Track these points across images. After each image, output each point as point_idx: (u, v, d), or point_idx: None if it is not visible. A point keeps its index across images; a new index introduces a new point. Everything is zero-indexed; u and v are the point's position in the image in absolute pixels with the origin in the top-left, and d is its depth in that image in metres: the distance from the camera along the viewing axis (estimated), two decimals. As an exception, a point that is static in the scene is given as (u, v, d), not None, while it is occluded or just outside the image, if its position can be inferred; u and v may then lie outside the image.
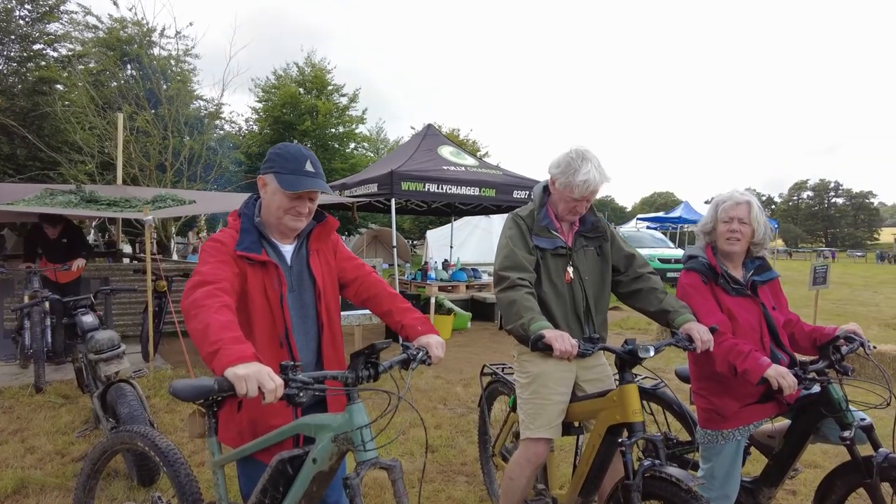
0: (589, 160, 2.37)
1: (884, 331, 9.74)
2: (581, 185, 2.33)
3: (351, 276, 2.07)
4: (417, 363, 1.72)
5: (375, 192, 7.94)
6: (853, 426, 2.22)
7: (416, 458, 3.91)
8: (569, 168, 2.37)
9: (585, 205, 2.46)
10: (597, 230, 2.57)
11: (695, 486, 1.85)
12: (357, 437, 1.56)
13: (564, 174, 2.38)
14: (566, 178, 2.37)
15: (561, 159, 2.43)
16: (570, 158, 2.39)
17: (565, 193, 2.40)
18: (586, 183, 2.33)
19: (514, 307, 2.23)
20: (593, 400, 2.33)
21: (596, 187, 2.37)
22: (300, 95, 22.84)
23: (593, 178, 2.34)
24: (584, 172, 2.33)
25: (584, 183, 2.33)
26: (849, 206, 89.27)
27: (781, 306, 2.60)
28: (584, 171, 2.33)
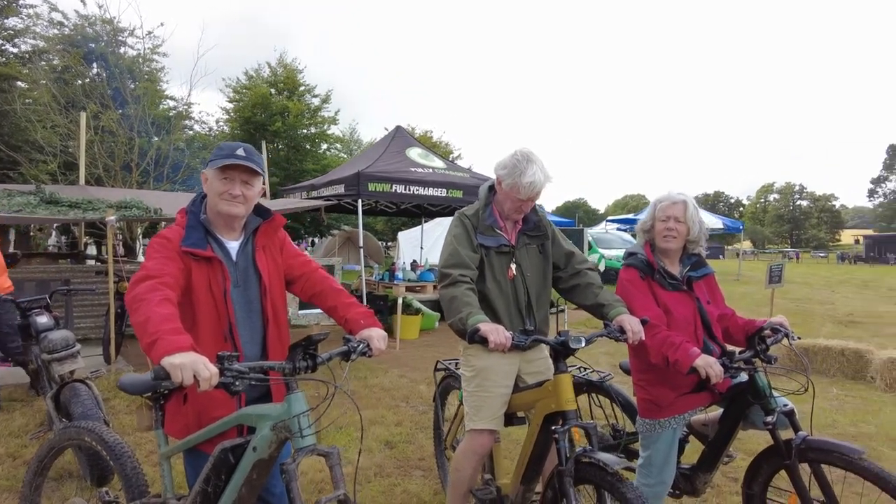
0: (534, 162, 2.45)
1: (836, 327, 10.12)
2: (527, 187, 2.42)
3: (297, 272, 2.13)
4: (357, 355, 1.79)
5: (342, 193, 7.98)
6: (776, 412, 2.36)
7: (374, 454, 3.97)
8: (515, 170, 2.44)
9: (530, 204, 2.55)
10: (539, 229, 2.66)
11: (621, 468, 1.95)
12: (295, 425, 1.62)
13: (510, 175, 2.45)
14: (512, 180, 2.44)
15: (507, 161, 2.51)
16: (516, 160, 2.47)
17: (511, 194, 2.48)
18: (532, 184, 2.42)
19: (455, 303, 2.31)
20: (532, 391, 2.43)
21: (541, 188, 2.46)
22: (271, 96, 22.66)
23: (538, 180, 2.43)
24: (530, 174, 2.41)
25: (531, 184, 2.42)
26: (813, 209, 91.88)
27: (716, 301, 2.74)
28: (530, 173, 2.41)
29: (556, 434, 2.11)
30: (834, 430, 4.55)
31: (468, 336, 2.18)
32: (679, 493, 2.81)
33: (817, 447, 2.28)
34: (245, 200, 1.95)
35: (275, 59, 24.24)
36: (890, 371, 5.79)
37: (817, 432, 4.36)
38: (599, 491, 2.15)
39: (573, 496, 2.03)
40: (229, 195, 1.92)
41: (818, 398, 5.44)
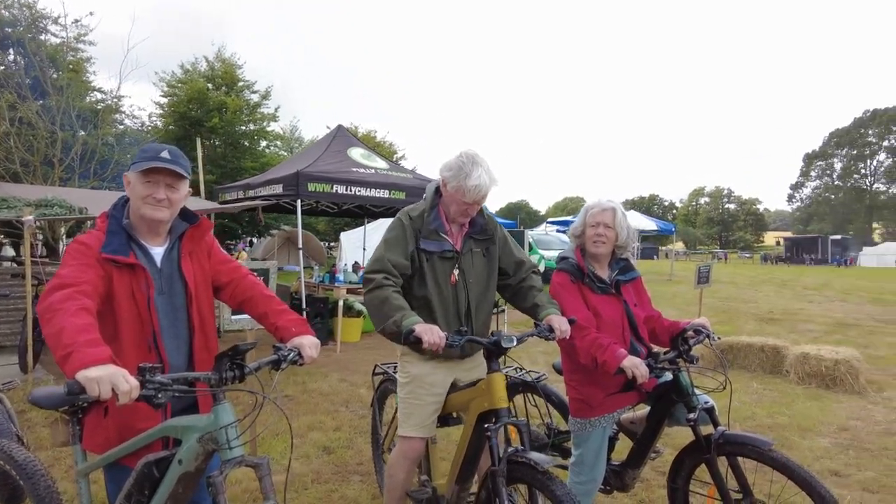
0: (480, 164, 2.41)
1: (758, 325, 10.74)
2: (472, 190, 2.38)
3: (226, 278, 2.07)
4: (288, 363, 1.76)
5: (281, 193, 7.80)
6: (698, 409, 2.49)
7: (311, 460, 3.92)
8: (460, 172, 2.40)
9: (476, 208, 2.50)
10: (485, 232, 2.61)
11: (551, 467, 2.01)
12: (222, 437, 1.59)
13: (456, 178, 2.41)
14: (457, 182, 2.40)
15: (452, 163, 2.46)
16: (462, 162, 2.42)
17: (457, 196, 2.43)
18: (478, 188, 2.38)
19: (385, 306, 2.27)
20: (466, 390, 2.46)
21: (486, 192, 2.42)
22: (208, 91, 21.95)
23: (484, 183, 2.38)
24: (476, 177, 2.37)
25: (476, 188, 2.37)
26: (739, 212, 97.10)
27: (643, 303, 2.86)
28: (476, 176, 2.37)
29: (488, 432, 2.13)
30: (753, 423, 4.83)
31: (403, 337, 2.16)
32: (610, 489, 2.92)
33: (733, 441, 2.42)
34: (170, 205, 1.88)
35: (212, 54, 23.49)
36: (802, 365, 6.20)
37: (737, 425, 4.67)
38: (531, 489, 2.20)
39: (506, 495, 2.06)
40: (153, 199, 1.85)
41: (740, 392, 5.81)
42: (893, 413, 5.18)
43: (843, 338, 9.24)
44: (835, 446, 4.31)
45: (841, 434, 4.59)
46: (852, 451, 4.20)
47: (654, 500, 3.40)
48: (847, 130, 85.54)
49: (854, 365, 5.99)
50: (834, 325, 10.82)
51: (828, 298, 16.76)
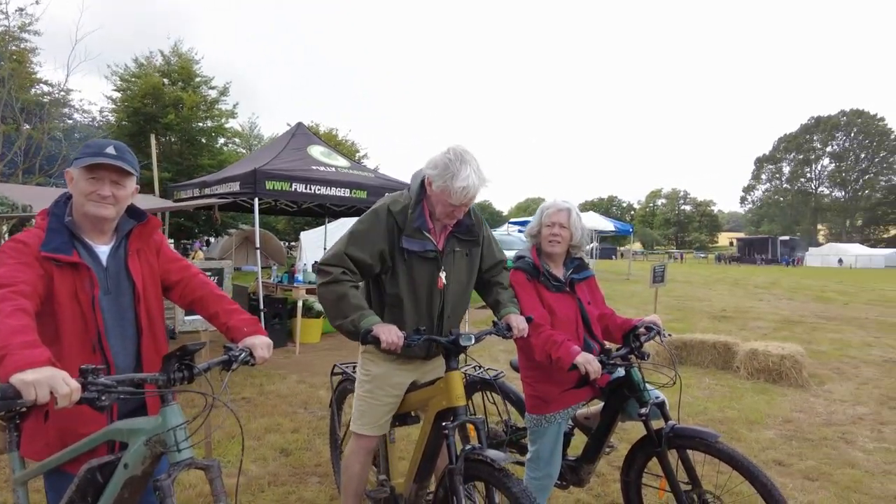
0: (468, 163, 2.22)
1: (711, 322, 11.09)
2: (460, 192, 2.19)
3: (175, 277, 2.02)
4: (239, 364, 1.72)
5: (238, 191, 7.62)
6: (649, 404, 2.55)
7: (268, 463, 3.85)
8: (446, 171, 2.21)
9: (463, 210, 2.33)
10: (471, 233, 2.47)
11: (508, 464, 2.03)
12: (170, 439, 1.55)
13: (442, 177, 2.22)
14: (443, 182, 2.21)
15: (439, 160, 2.26)
16: (449, 160, 2.22)
17: (442, 197, 2.25)
18: (465, 189, 2.19)
19: (342, 303, 2.22)
20: (425, 389, 2.46)
21: (475, 193, 2.24)
22: (164, 86, 21.28)
23: (472, 184, 2.20)
24: (464, 178, 2.18)
25: (463, 189, 2.19)
26: (695, 213, 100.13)
27: (597, 301, 2.92)
28: (463, 177, 2.18)
29: (446, 430, 2.13)
30: (705, 417, 4.99)
31: (361, 337, 2.14)
32: (566, 484, 2.97)
33: (682, 434, 2.49)
34: (116, 202, 1.82)
35: (168, 48, 22.79)
36: (751, 361, 6.44)
37: (691, 419, 4.82)
38: (489, 487, 2.22)
39: (463, 493, 2.07)
40: (98, 196, 1.78)
41: (693, 388, 5.98)
42: (832, 405, 5.43)
43: (790, 334, 9.63)
44: (779, 437, 4.49)
45: (785, 426, 4.79)
46: (795, 442, 4.38)
47: (609, 493, 3.47)
48: (794, 136, 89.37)
49: (798, 360, 6.25)
50: (781, 323, 11.27)
51: (776, 297, 17.46)
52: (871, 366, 7.25)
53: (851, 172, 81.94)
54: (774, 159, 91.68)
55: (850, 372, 6.88)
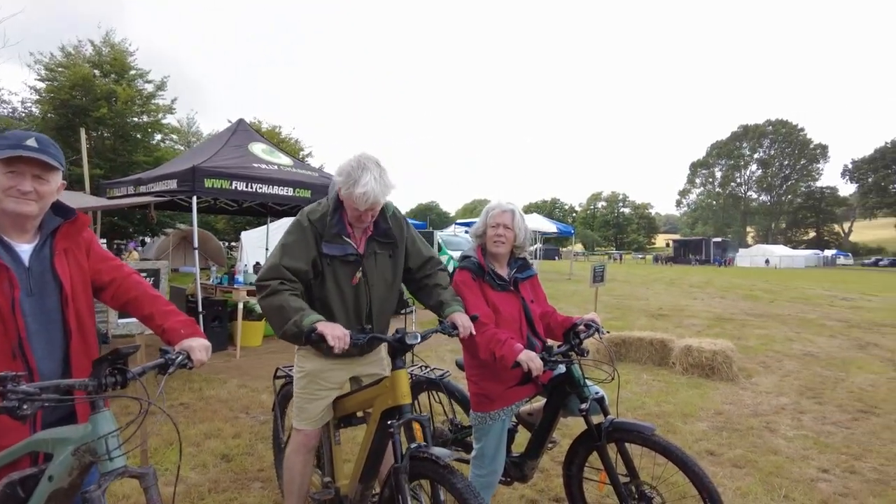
0: (369, 170, 2.28)
1: (648, 320, 11.51)
2: (361, 198, 2.27)
3: (107, 277, 1.93)
4: (176, 367, 1.66)
5: (175, 189, 7.33)
6: (589, 399, 2.63)
7: (209, 469, 3.73)
8: (349, 178, 2.29)
9: (370, 214, 2.40)
10: (389, 236, 2.54)
11: (452, 460, 2.05)
12: (101, 447, 1.48)
13: (346, 184, 2.30)
14: (347, 189, 2.31)
15: (344, 167, 2.35)
16: (352, 168, 2.31)
17: (349, 203, 2.35)
18: (365, 195, 2.26)
19: (283, 310, 2.19)
20: (370, 388, 2.45)
21: (376, 199, 2.30)
22: (95, 78, 20.18)
23: (372, 191, 2.26)
24: (363, 184, 2.25)
25: (363, 195, 2.26)
26: (633, 216, 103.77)
27: (539, 300, 2.98)
28: (363, 183, 2.26)
29: (391, 428, 2.14)
30: (643, 411, 5.17)
31: (305, 336, 2.10)
32: (510, 480, 3.02)
33: (620, 428, 2.59)
34: (38, 198, 1.71)
35: (99, 38, 21.61)
36: (686, 357, 6.73)
37: (629, 414, 4.99)
38: (434, 485, 2.23)
39: (408, 492, 2.07)
40: (17, 192, 1.67)
41: (632, 383, 6.20)
42: (759, 397, 5.75)
43: (721, 331, 10.12)
44: (711, 429, 4.71)
45: (716, 418, 5.03)
46: (725, 433, 4.62)
47: (553, 488, 3.55)
48: (725, 143, 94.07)
49: (729, 355, 6.59)
50: (713, 320, 11.84)
51: (709, 295, 18.31)
52: (793, 359, 7.72)
53: (776, 178, 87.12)
54: (707, 164, 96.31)
55: (774, 365, 7.30)
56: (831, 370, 7.07)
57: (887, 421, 5.02)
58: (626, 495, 2.60)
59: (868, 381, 6.48)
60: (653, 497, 2.58)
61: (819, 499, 3.45)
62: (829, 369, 7.13)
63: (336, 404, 2.61)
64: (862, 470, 3.90)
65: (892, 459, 4.10)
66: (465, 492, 1.96)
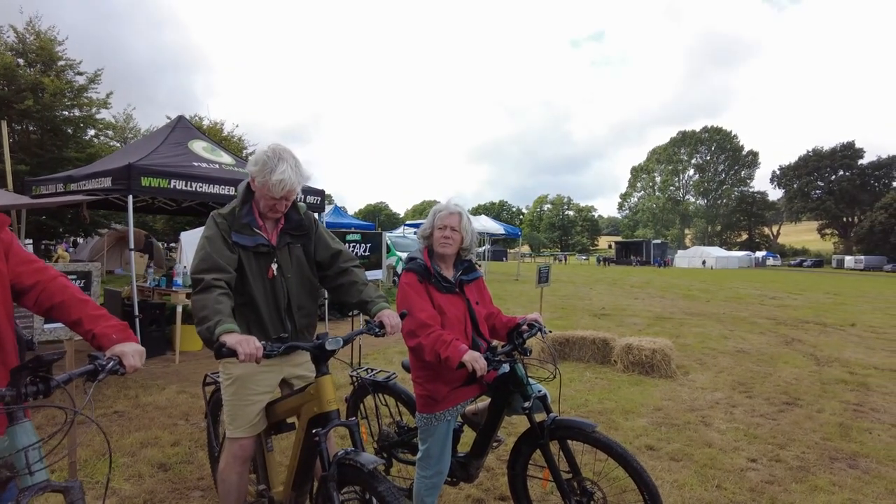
0: (284, 160, 2.39)
1: (591, 319, 11.81)
2: (277, 185, 2.35)
3: (29, 281, 1.80)
4: (106, 374, 1.58)
5: (109, 188, 6.99)
6: (532, 397, 2.68)
7: (144, 480, 3.57)
8: (265, 167, 2.37)
9: (285, 203, 2.47)
10: (301, 228, 2.59)
11: (376, 467, 1.99)
12: (20, 461, 1.39)
13: (261, 173, 2.38)
14: (263, 178, 2.38)
15: (258, 157, 2.43)
16: (267, 157, 2.40)
17: (264, 191, 2.41)
18: (282, 182, 2.35)
19: (204, 311, 2.14)
20: (296, 396, 2.40)
21: (292, 187, 2.40)
22: (18, 67, 18.98)
23: (288, 178, 2.36)
24: (280, 172, 2.35)
25: (280, 182, 2.35)
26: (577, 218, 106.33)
27: (484, 301, 3.01)
28: (280, 171, 2.35)
29: (317, 437, 2.10)
30: (585, 409, 5.31)
31: (215, 351, 2.00)
32: (456, 481, 3.03)
33: (563, 425, 2.64)
34: None
35: (22, 24, 20.32)
36: (626, 355, 6.95)
37: (573, 411, 5.11)
38: (363, 490, 2.19)
39: (337, 500, 2.02)
40: None
41: (575, 381, 6.35)
42: (695, 392, 6.00)
43: (661, 329, 10.51)
44: (651, 424, 4.88)
45: (655, 413, 5.22)
46: (664, 428, 4.79)
47: (498, 487, 3.59)
48: (665, 148, 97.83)
49: (667, 353, 6.84)
50: (653, 319, 12.27)
51: (650, 295, 18.98)
52: (727, 356, 8.10)
53: (712, 182, 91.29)
54: (648, 169, 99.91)
55: (709, 362, 7.64)
56: (761, 365, 7.46)
57: (808, 411, 5.34)
58: (568, 492, 2.66)
59: (793, 375, 6.88)
60: (594, 493, 2.65)
61: (748, 487, 3.64)
62: (759, 364, 7.52)
63: (267, 410, 2.54)
64: (786, 458, 4.13)
65: (812, 447, 4.37)
66: (386, 494, 1.94)
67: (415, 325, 2.61)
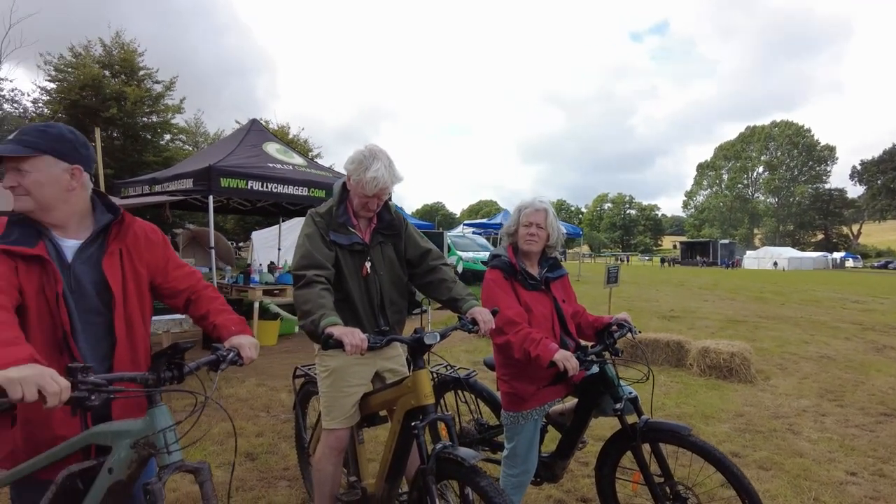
0: (379, 158, 2.46)
1: (661, 322, 11.48)
2: (370, 182, 2.42)
3: (183, 285, 1.95)
4: (227, 364, 1.67)
5: (191, 189, 7.35)
6: (623, 399, 2.62)
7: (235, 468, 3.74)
8: (360, 165, 2.45)
9: (377, 202, 2.54)
10: (392, 227, 2.66)
11: (477, 462, 2.01)
12: (160, 441, 1.49)
13: (356, 171, 2.46)
14: (358, 176, 2.46)
15: (355, 156, 2.52)
16: (363, 156, 2.48)
17: (358, 189, 2.48)
18: (375, 180, 2.42)
19: (307, 305, 2.24)
20: (392, 388, 2.44)
21: (385, 185, 2.46)
22: (105, 78, 20.29)
23: (382, 177, 2.43)
24: (374, 170, 2.42)
25: (373, 180, 2.42)
26: (640, 217, 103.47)
27: (570, 299, 2.98)
28: (374, 169, 2.42)
29: (415, 430, 2.13)
30: (663, 412, 5.16)
31: (322, 343, 2.09)
32: (539, 481, 3.01)
33: (656, 428, 2.58)
34: (26, 191, 1.67)
35: (109, 37, 21.71)
36: (703, 358, 6.70)
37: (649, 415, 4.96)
38: (462, 485, 2.22)
39: (435, 493, 2.05)
40: (10, 189, 1.68)
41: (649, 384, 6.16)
42: (778, 398, 5.72)
43: (734, 333, 10.07)
44: (733, 431, 4.69)
45: (737, 419, 5.01)
46: (748, 434, 4.59)
47: (579, 489, 3.54)
48: (732, 144, 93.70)
49: (746, 357, 6.56)
50: (725, 322, 11.79)
51: (719, 297, 18.24)
52: (809, 361, 7.68)
53: (783, 180, 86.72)
54: (715, 166, 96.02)
55: (791, 367, 7.26)
56: (850, 373, 7.03)
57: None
58: (661, 496, 2.59)
59: (889, 384, 6.43)
60: (688, 498, 2.57)
61: (850, 502, 3.43)
62: (847, 372, 7.08)
63: (360, 403, 2.60)
64: (891, 473, 3.87)
65: (919, 462, 4.08)
66: (489, 490, 1.94)
67: (502, 322, 2.60)
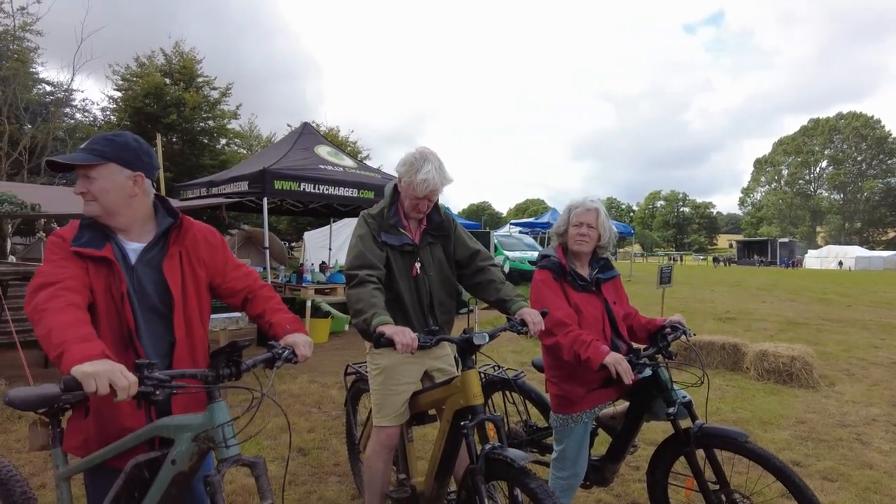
0: (430, 160, 2.51)
1: (716, 323, 11.10)
2: (421, 184, 2.47)
3: (241, 285, 2.02)
4: (283, 362, 1.72)
5: (246, 191, 7.62)
6: (677, 403, 2.56)
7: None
8: (411, 167, 2.50)
9: (427, 203, 2.58)
10: (442, 228, 2.70)
11: (528, 463, 2.00)
12: (219, 435, 1.55)
13: (408, 173, 2.51)
14: (409, 177, 2.50)
15: (406, 158, 2.57)
16: (414, 158, 2.53)
17: (409, 191, 2.53)
18: (425, 182, 2.47)
19: (360, 304, 2.29)
20: (441, 388, 2.46)
21: (435, 186, 2.51)
22: (166, 86, 21.21)
23: (432, 178, 2.48)
24: (425, 172, 2.47)
25: (424, 182, 2.47)
26: (694, 215, 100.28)
27: (622, 301, 2.92)
28: (425, 171, 2.47)
29: (464, 429, 2.14)
30: (718, 417, 4.99)
31: (374, 341, 2.14)
32: (589, 484, 2.96)
33: (711, 433, 2.50)
34: (93, 197, 1.76)
35: (170, 47, 22.70)
36: (761, 362, 6.44)
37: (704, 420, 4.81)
38: (511, 485, 2.21)
39: (485, 493, 2.06)
40: (80, 195, 1.77)
41: (704, 388, 5.97)
42: (844, 406, 5.44)
43: (795, 336, 9.64)
44: (794, 438, 4.49)
45: (799, 426, 4.79)
46: (810, 443, 4.39)
47: (630, 493, 3.47)
48: (793, 138, 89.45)
49: (808, 361, 6.26)
50: (785, 324, 11.29)
51: (778, 298, 17.48)
52: (880, 367, 7.27)
53: (849, 175, 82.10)
54: (773, 161, 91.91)
55: (859, 373, 6.89)
56: (924, 380, 6.61)
57: None
58: (716, 503, 2.51)
59: (967, 393, 6.02)
60: (744, 506, 2.48)
61: (923, 516, 3.24)
62: (921, 379, 6.67)
63: (410, 401, 2.63)
64: (970, 488, 3.62)
65: None
66: (539, 491, 1.93)
67: (551, 324, 2.57)
